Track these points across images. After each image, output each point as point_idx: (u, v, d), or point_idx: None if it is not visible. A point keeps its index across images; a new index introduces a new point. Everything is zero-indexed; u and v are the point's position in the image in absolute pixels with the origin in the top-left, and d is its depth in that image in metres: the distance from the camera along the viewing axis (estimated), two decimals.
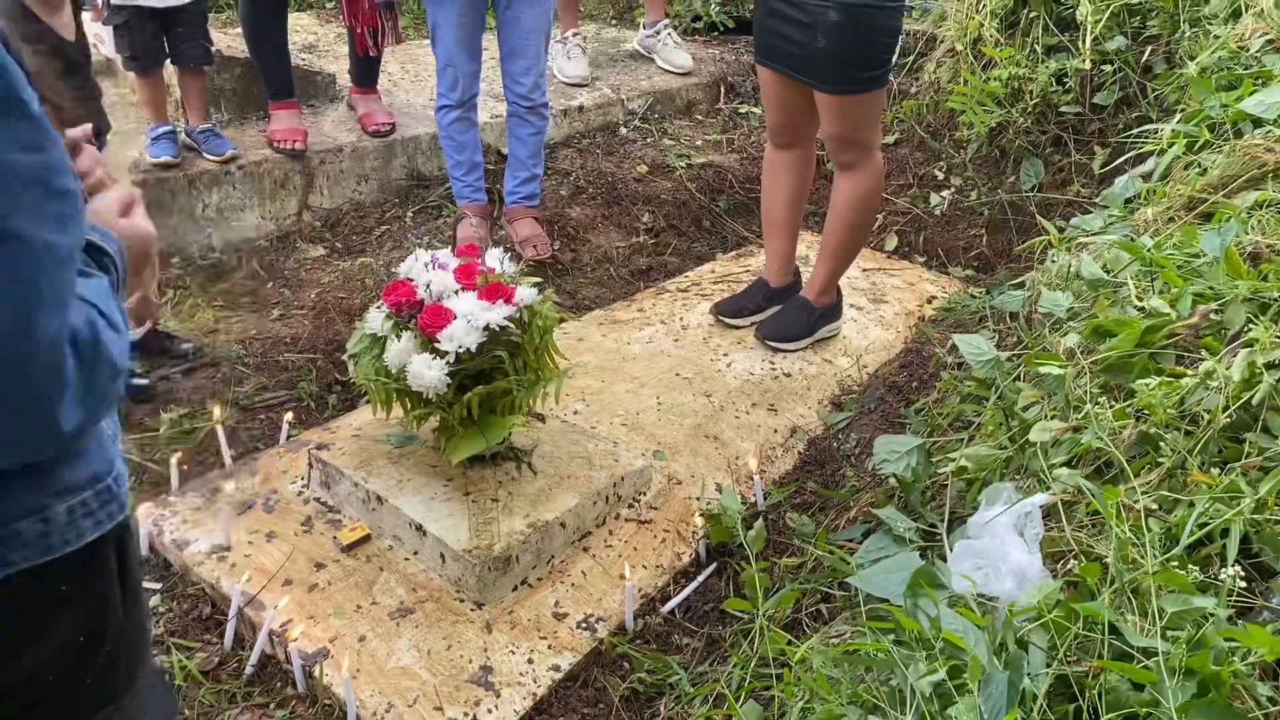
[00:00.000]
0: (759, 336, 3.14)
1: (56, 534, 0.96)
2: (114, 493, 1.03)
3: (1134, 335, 1.83)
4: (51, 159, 0.81)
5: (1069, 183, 3.63)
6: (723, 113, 4.59)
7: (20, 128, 0.78)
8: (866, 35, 2.70)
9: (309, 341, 3.11)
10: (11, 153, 0.77)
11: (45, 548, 0.95)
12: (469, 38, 3.26)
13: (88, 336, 0.84)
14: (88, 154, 1.15)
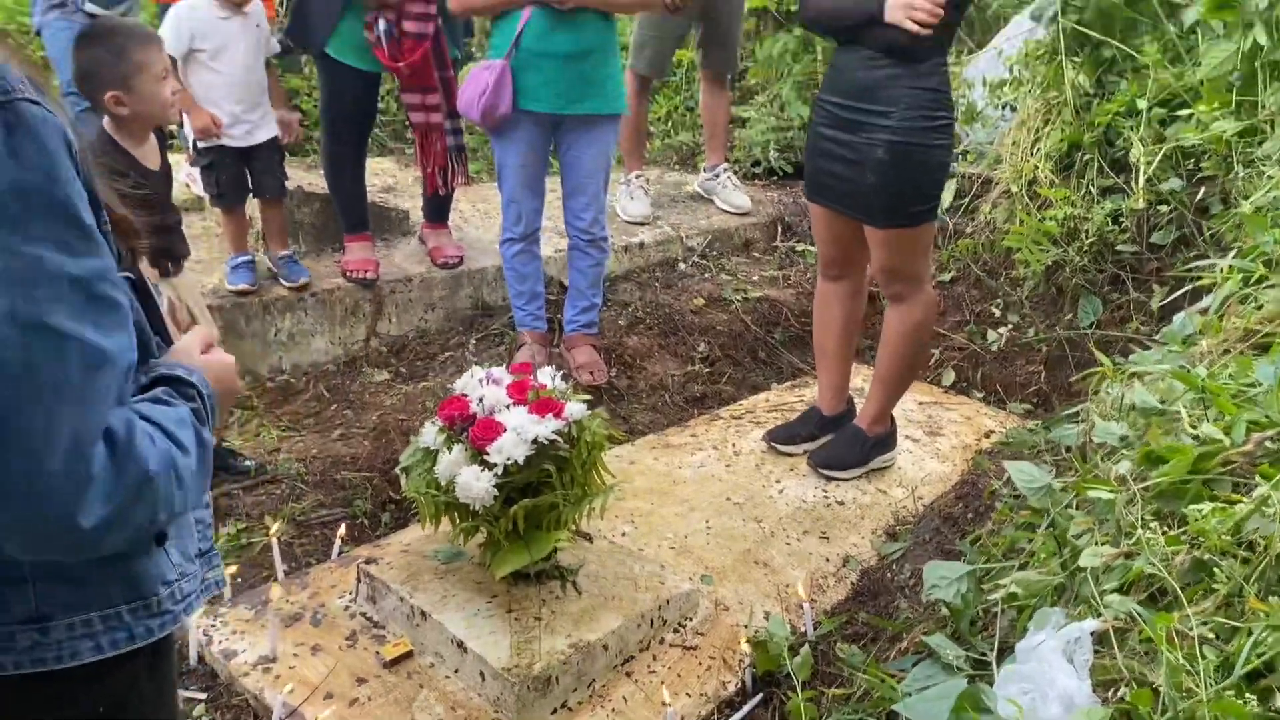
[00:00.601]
0: (812, 464, 3.13)
1: (51, 648, 0.94)
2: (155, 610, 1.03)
3: (1187, 461, 1.80)
4: (94, 266, 0.85)
5: (1128, 320, 3.62)
6: (779, 250, 4.70)
7: (62, 230, 0.83)
8: (914, 172, 2.77)
9: (367, 461, 3.18)
10: (48, 250, 0.81)
11: (36, 659, 0.94)
12: (532, 177, 3.42)
13: (123, 436, 0.86)
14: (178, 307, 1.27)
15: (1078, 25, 3.96)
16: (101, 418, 0.84)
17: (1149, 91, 3.72)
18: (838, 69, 2.85)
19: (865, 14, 2.66)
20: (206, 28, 3.31)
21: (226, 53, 3.35)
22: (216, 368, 1.12)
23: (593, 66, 3.29)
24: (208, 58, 3.33)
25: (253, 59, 3.41)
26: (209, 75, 3.35)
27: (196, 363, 1.10)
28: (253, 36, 3.40)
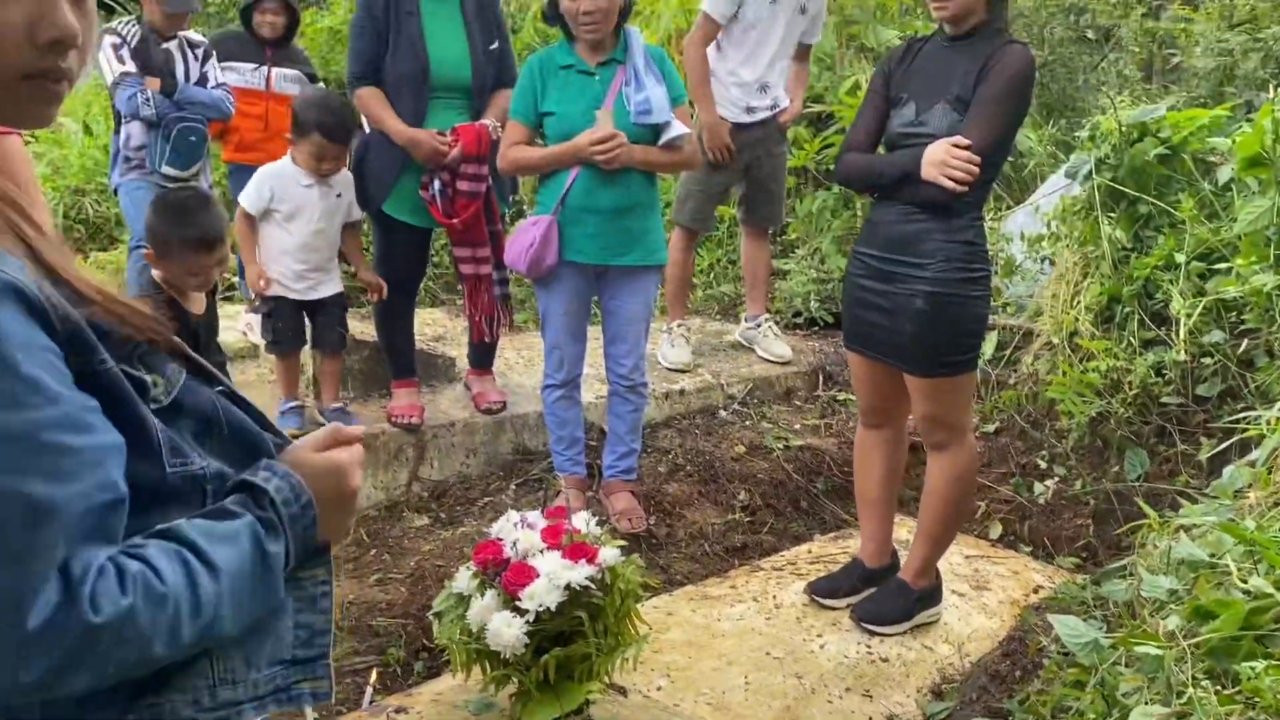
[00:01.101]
0: (855, 618, 3.05)
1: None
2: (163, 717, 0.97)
3: (1238, 617, 1.74)
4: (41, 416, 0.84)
5: (1176, 473, 3.55)
6: (821, 399, 4.71)
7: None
8: (953, 323, 2.79)
9: (402, 607, 3.16)
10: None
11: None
12: (574, 324, 3.50)
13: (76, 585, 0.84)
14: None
15: (1112, 182, 4.04)
16: (43, 572, 0.83)
17: (1186, 246, 3.76)
18: (874, 223, 2.92)
19: (902, 172, 2.74)
20: (287, 191, 3.49)
21: (300, 217, 3.53)
22: (320, 467, 1.09)
23: (635, 220, 3.41)
24: (282, 218, 3.52)
25: (325, 224, 3.58)
26: (279, 233, 3.53)
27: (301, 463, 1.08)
28: (330, 204, 3.58)
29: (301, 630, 1.10)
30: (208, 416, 1.06)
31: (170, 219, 2.73)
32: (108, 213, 6.19)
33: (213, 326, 2.96)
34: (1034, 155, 6.02)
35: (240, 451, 1.08)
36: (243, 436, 1.09)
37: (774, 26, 4.45)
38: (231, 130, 4.79)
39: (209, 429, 1.06)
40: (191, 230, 2.71)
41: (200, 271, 2.76)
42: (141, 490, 0.95)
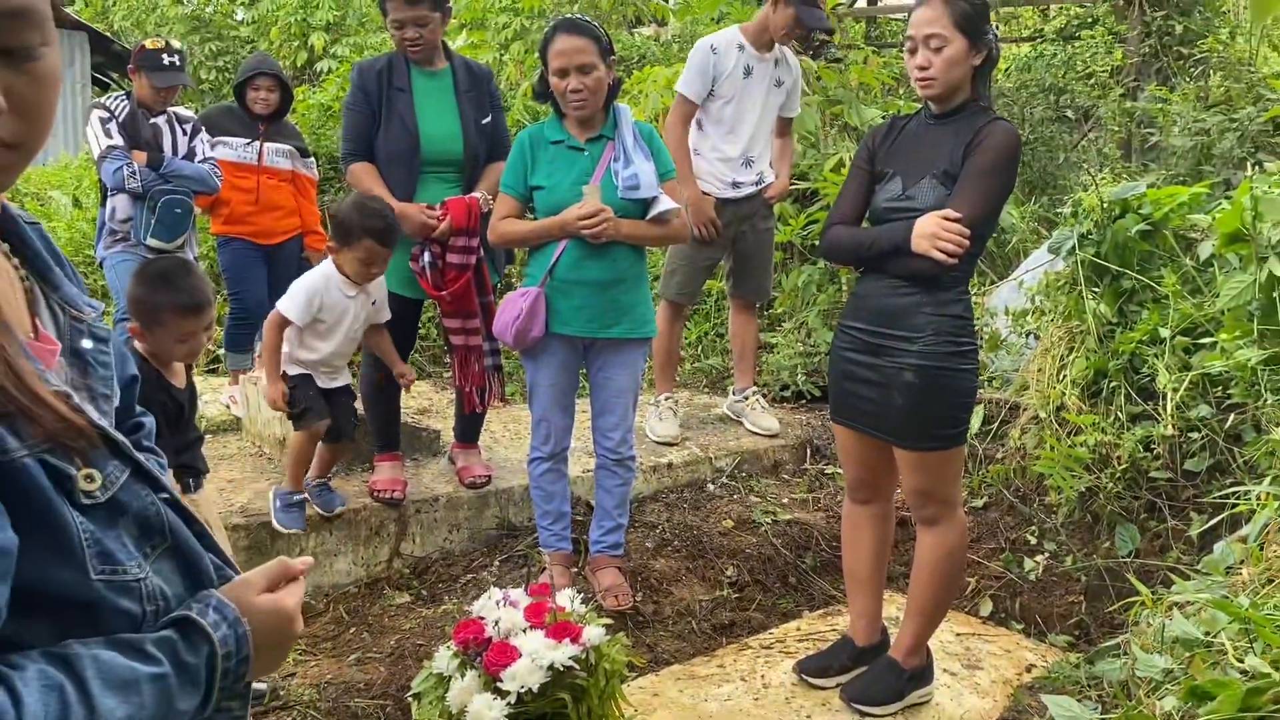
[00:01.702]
0: (845, 698, 2.98)
1: None
2: None
3: (1236, 698, 1.70)
4: None
5: (1168, 549, 3.52)
6: (809, 473, 4.68)
7: None
8: (942, 396, 2.78)
9: (381, 688, 3.08)
10: None
11: None
12: (562, 395, 3.48)
13: None
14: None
15: (1095, 258, 4.08)
16: None
17: (1171, 320, 3.78)
18: (861, 296, 2.93)
19: (892, 245, 2.76)
20: (332, 303, 3.43)
21: (340, 327, 3.48)
22: (268, 613, 1.02)
23: (623, 293, 3.41)
24: (325, 329, 3.47)
25: (358, 328, 3.55)
26: (318, 341, 3.48)
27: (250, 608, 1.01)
28: (367, 312, 3.55)
29: None
30: (150, 523, 0.98)
31: (156, 286, 2.69)
32: (95, 285, 6.18)
33: (193, 401, 2.92)
34: (1016, 231, 6.10)
35: (181, 571, 1.01)
36: (186, 554, 1.02)
37: (750, 101, 4.52)
38: (222, 203, 4.81)
39: (150, 537, 0.98)
40: (180, 295, 2.67)
41: (188, 338, 2.71)
42: (58, 599, 0.88)
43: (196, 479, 2.87)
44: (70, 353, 1.03)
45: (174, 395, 2.74)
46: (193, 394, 2.88)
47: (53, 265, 1.07)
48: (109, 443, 0.96)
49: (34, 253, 1.05)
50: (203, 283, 2.76)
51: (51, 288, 1.05)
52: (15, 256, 1.02)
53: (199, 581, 1.02)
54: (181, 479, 2.80)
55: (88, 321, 1.07)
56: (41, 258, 1.05)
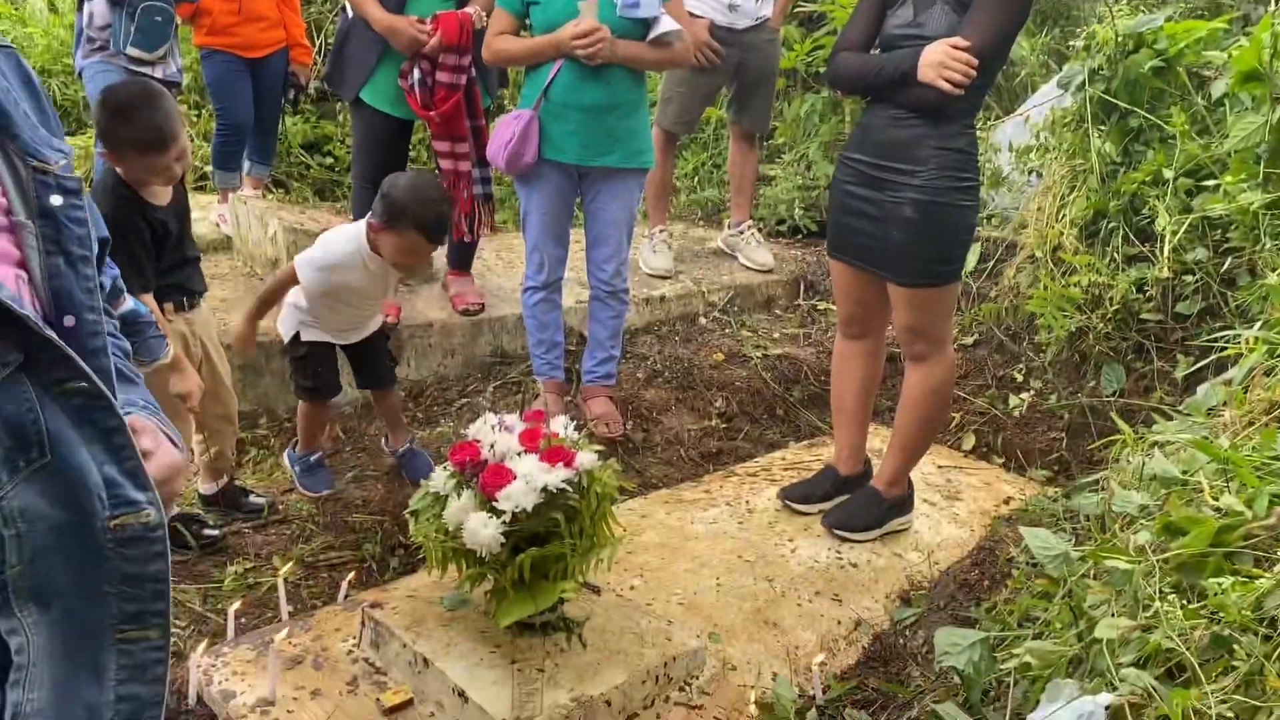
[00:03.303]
0: (826, 525, 3.09)
1: None
2: None
3: (1208, 534, 1.76)
4: None
5: (1152, 389, 3.57)
6: (801, 308, 4.69)
7: None
8: (941, 231, 2.76)
9: (379, 505, 3.17)
10: None
11: None
12: (556, 224, 3.44)
13: None
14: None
15: (1105, 94, 3.98)
16: None
17: (1176, 161, 3.71)
18: (865, 127, 2.86)
19: (899, 72, 2.67)
20: (353, 280, 3.02)
21: (361, 297, 3.10)
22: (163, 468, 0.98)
23: (619, 120, 3.32)
24: (342, 295, 3.06)
25: (382, 290, 3.16)
26: (335, 303, 3.07)
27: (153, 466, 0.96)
28: (393, 279, 3.17)
29: (125, 704, 0.93)
30: (24, 434, 0.84)
31: (117, 119, 2.53)
32: (75, 95, 5.99)
33: (184, 214, 2.83)
34: (1026, 64, 5.91)
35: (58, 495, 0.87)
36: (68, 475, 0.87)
37: None
38: (204, 13, 4.60)
39: (25, 450, 0.85)
40: (139, 131, 2.52)
41: (160, 170, 2.58)
42: None
43: (192, 299, 2.85)
44: (39, 213, 0.92)
45: (154, 218, 2.65)
46: (181, 211, 2.79)
47: (11, 109, 0.93)
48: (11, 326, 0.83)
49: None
50: (165, 116, 2.55)
51: (9, 136, 0.92)
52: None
53: (80, 509, 0.88)
54: (175, 299, 2.79)
55: (55, 173, 0.94)
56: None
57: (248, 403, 3.57)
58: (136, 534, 0.91)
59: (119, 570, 0.91)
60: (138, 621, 0.93)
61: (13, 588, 0.85)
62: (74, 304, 0.93)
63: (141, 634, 0.93)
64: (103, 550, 0.89)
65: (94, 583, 0.90)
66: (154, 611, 0.94)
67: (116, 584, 0.91)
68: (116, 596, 0.91)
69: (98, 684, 0.91)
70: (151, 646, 0.94)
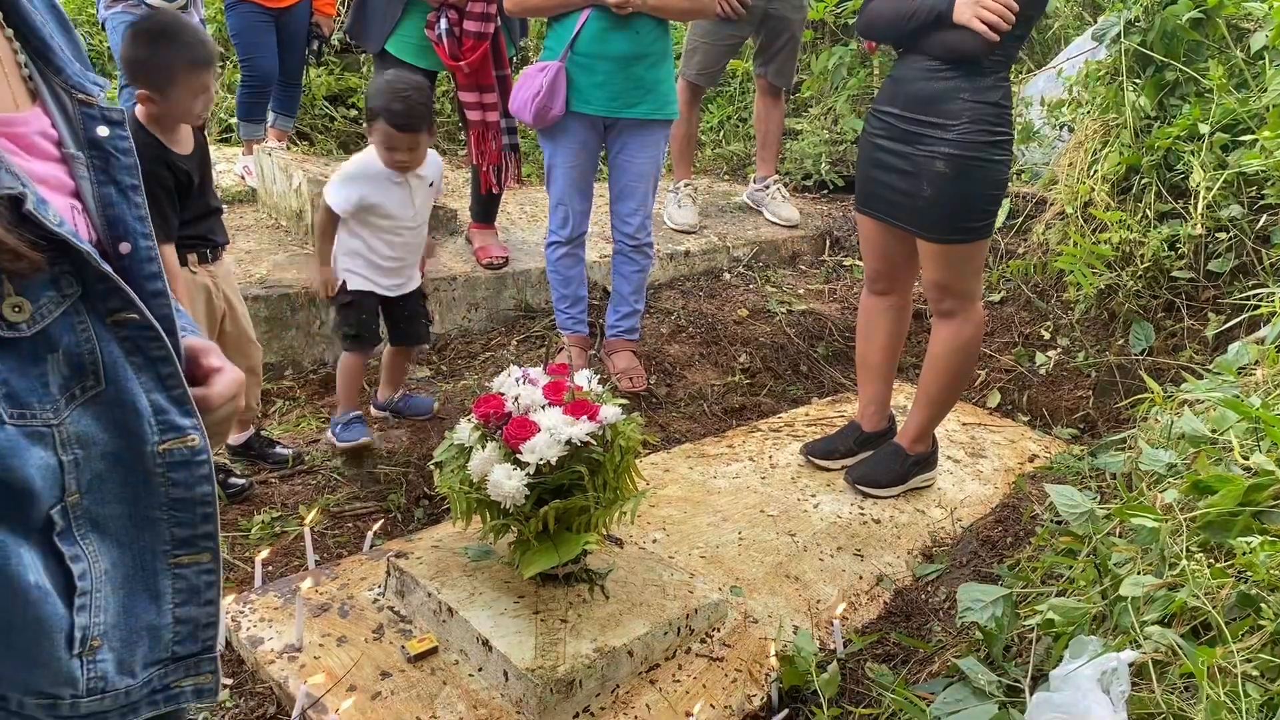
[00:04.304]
0: (849, 480, 3.08)
1: None
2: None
3: (1237, 493, 1.74)
4: None
5: (1181, 349, 3.53)
6: (826, 264, 4.65)
7: None
8: (973, 187, 2.72)
9: (404, 456, 3.19)
10: None
11: None
12: (581, 178, 3.42)
13: None
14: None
15: (1140, 47, 3.89)
16: None
17: (1212, 116, 3.64)
18: (897, 80, 2.81)
19: (933, 14, 2.62)
20: (379, 193, 3.01)
21: (396, 218, 3.05)
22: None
23: (646, 70, 3.29)
24: (376, 217, 3.03)
25: (421, 218, 3.14)
26: (373, 233, 3.06)
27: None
28: (424, 195, 3.12)
29: (183, 625, 0.97)
30: (82, 362, 0.85)
31: (159, 44, 2.50)
32: (100, 46, 5.98)
33: (205, 163, 2.82)
34: (1059, 17, 5.79)
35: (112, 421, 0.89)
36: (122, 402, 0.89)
37: None
38: None
39: (81, 378, 0.86)
40: (193, 49, 2.52)
41: (202, 92, 2.58)
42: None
43: (214, 250, 2.85)
44: (88, 145, 0.93)
45: (178, 166, 2.64)
46: (204, 159, 2.78)
47: (52, 40, 0.93)
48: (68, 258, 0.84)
49: (29, 26, 0.91)
50: (204, 32, 2.61)
51: (54, 70, 0.92)
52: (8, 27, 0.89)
53: (133, 435, 0.90)
54: (199, 250, 2.79)
55: (99, 105, 0.95)
56: (38, 33, 0.92)
57: (273, 355, 3.59)
58: (184, 458, 0.93)
59: (168, 495, 0.93)
60: (189, 546, 0.95)
61: (72, 515, 0.87)
62: (128, 231, 0.95)
63: (193, 558, 0.96)
64: (153, 475, 0.92)
65: (146, 508, 0.92)
66: (204, 534, 0.96)
67: (167, 509, 0.93)
68: (168, 522, 0.94)
69: (156, 607, 0.94)
70: (203, 570, 0.97)
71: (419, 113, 2.94)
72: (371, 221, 3.04)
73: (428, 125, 2.97)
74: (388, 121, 2.91)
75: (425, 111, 2.96)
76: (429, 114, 2.98)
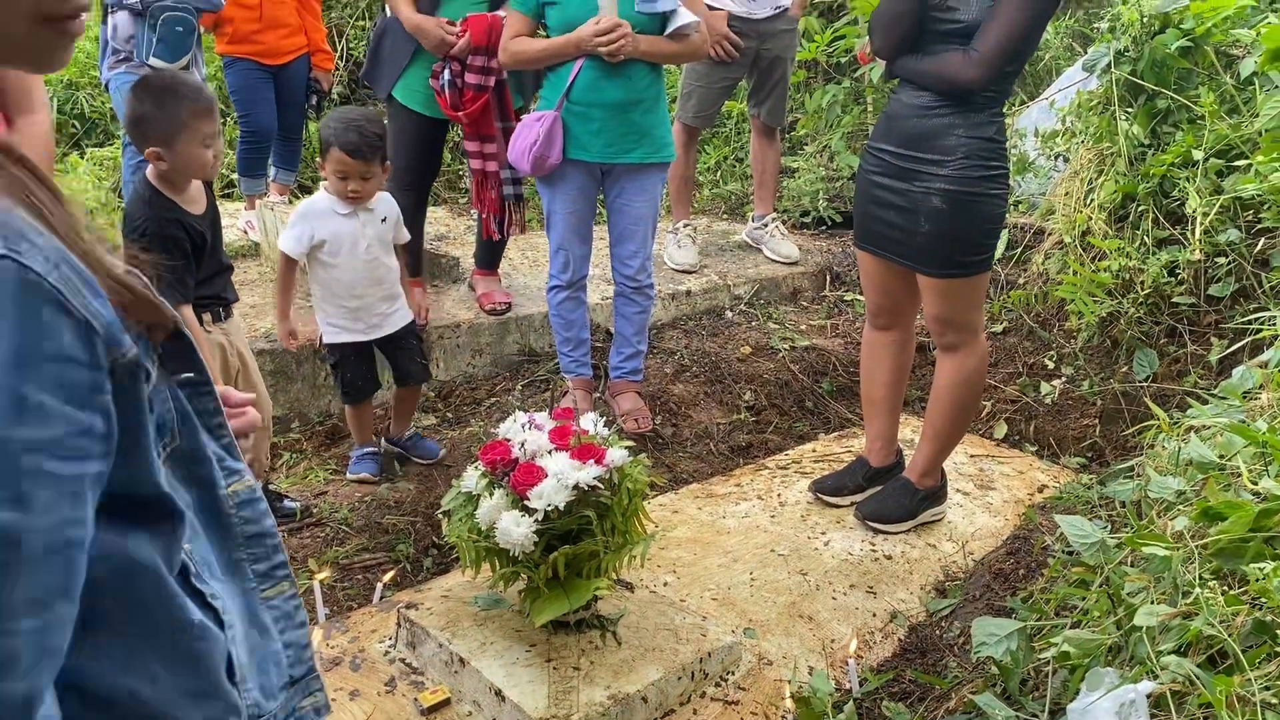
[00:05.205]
0: (859, 516, 3.07)
1: None
2: None
3: (1247, 519, 1.74)
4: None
5: (1185, 374, 3.53)
6: (827, 300, 4.67)
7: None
8: (971, 221, 2.74)
9: (411, 505, 3.19)
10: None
11: None
12: (580, 223, 3.45)
13: None
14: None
15: (1131, 76, 3.93)
16: None
17: (1205, 142, 3.67)
18: (891, 117, 2.84)
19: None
20: (326, 226, 3.07)
21: (346, 250, 3.10)
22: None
23: (641, 115, 3.32)
24: (327, 254, 3.09)
25: (378, 252, 3.15)
26: (328, 272, 3.12)
27: None
28: (377, 229, 3.15)
29: (290, 650, 1.03)
30: (164, 419, 0.88)
31: (164, 98, 2.54)
32: (103, 107, 6.06)
33: (217, 222, 2.85)
34: (1049, 48, 5.85)
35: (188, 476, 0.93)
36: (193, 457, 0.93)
37: None
38: (226, 21, 4.64)
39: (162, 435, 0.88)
40: (196, 98, 2.55)
41: (210, 141, 2.61)
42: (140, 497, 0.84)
43: (226, 308, 2.87)
44: None
45: (193, 227, 2.66)
46: (215, 219, 2.81)
47: None
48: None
49: None
50: (202, 83, 2.67)
51: None
52: None
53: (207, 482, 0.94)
54: (211, 308, 2.80)
55: None
56: None
57: (280, 407, 3.60)
58: (248, 497, 0.99)
59: (243, 534, 0.99)
60: (269, 579, 1.01)
61: (192, 560, 0.92)
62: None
63: (276, 589, 1.02)
64: (229, 517, 0.97)
65: (230, 550, 0.98)
66: (278, 565, 1.02)
67: (245, 549, 0.99)
68: (248, 560, 0.99)
69: (268, 637, 1.01)
70: (288, 597, 1.04)
71: (372, 142, 3.02)
72: (325, 260, 3.11)
73: (380, 156, 3.06)
74: (341, 149, 2.99)
75: (378, 141, 3.05)
76: (382, 145, 3.07)
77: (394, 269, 3.23)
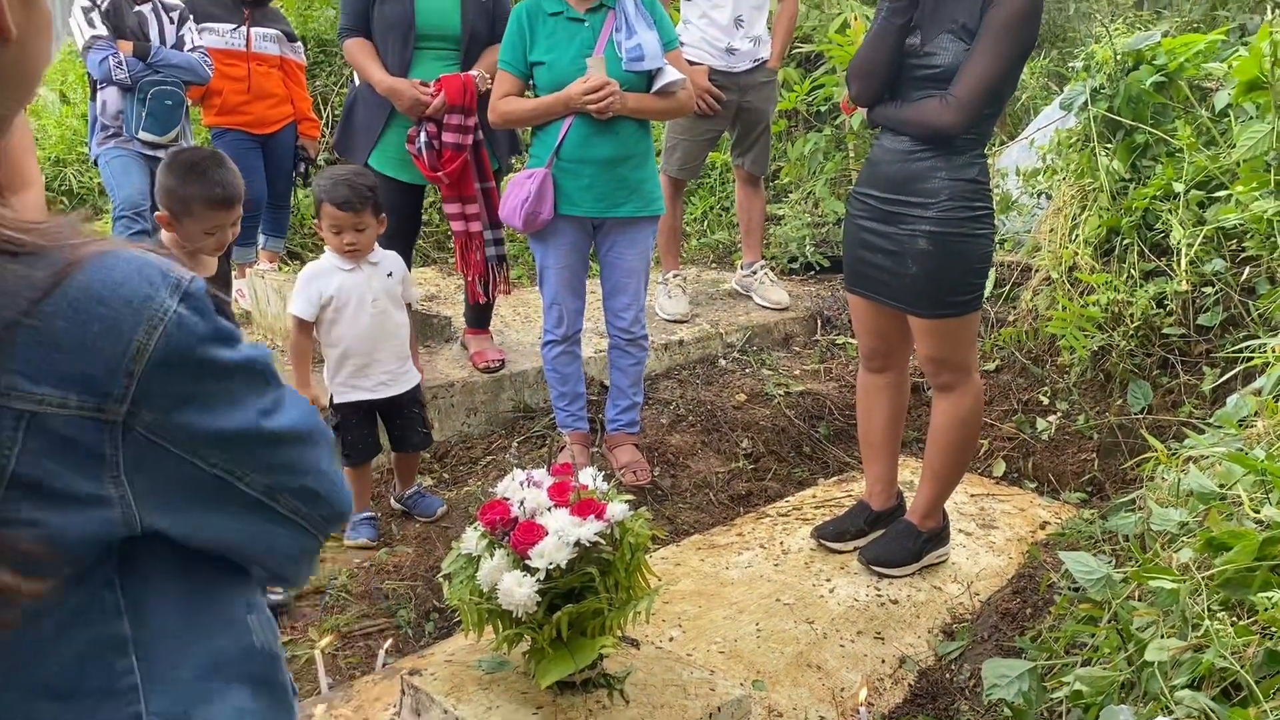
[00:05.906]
0: (863, 561, 3.06)
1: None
2: None
3: (1252, 548, 1.73)
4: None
5: (1180, 405, 3.54)
6: (820, 344, 4.69)
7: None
8: (958, 262, 2.76)
9: (410, 570, 3.16)
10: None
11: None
12: (573, 278, 3.46)
13: None
14: None
15: (1108, 112, 3.99)
16: None
17: (1185, 174, 3.72)
18: (874, 162, 2.87)
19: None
20: (332, 282, 3.10)
21: (353, 304, 3.11)
22: None
23: (631, 170, 3.36)
24: (334, 310, 3.11)
25: (386, 304, 3.16)
26: (337, 329, 3.12)
27: None
28: (383, 284, 3.16)
29: None
30: None
31: (185, 177, 2.61)
32: (90, 183, 6.10)
33: (226, 288, 2.89)
34: (1026, 88, 5.95)
35: None
36: None
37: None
38: (214, 93, 4.70)
39: None
40: (210, 188, 2.60)
41: (216, 231, 2.66)
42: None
43: None
44: None
45: None
46: (225, 285, 2.85)
47: None
48: None
49: None
50: (234, 175, 2.68)
51: None
52: None
53: None
54: None
55: None
56: None
57: None
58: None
59: None
60: None
61: None
62: None
63: None
64: None
65: None
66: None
67: None
68: None
69: None
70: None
71: (361, 193, 3.06)
72: (333, 317, 3.13)
73: (372, 207, 3.08)
74: (331, 203, 3.04)
75: (368, 193, 3.08)
76: (373, 196, 3.10)
77: (404, 325, 3.24)
